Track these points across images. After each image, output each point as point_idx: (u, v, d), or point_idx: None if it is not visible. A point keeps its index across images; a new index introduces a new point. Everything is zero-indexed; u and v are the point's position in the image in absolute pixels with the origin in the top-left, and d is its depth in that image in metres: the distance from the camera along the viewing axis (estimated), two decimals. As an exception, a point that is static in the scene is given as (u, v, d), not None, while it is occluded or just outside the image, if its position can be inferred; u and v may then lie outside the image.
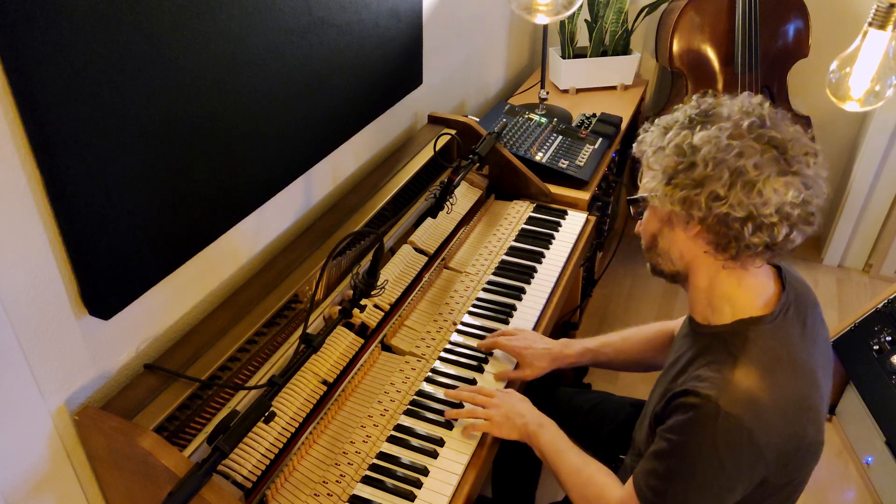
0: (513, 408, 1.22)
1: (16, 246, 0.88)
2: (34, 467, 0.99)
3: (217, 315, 1.22)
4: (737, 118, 0.95)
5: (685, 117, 0.99)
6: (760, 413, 0.92)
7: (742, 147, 0.92)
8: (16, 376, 0.92)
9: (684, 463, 0.95)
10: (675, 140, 0.96)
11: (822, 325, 1.09)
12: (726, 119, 0.95)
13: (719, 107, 0.98)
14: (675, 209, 0.97)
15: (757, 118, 0.94)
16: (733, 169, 0.91)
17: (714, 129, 0.94)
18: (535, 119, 2.12)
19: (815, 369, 1.00)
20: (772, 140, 0.93)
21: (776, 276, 1.06)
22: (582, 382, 2.11)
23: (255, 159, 1.22)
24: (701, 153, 0.93)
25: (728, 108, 0.97)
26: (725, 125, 0.94)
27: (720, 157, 0.92)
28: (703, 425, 0.93)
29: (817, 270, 2.87)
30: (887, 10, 1.52)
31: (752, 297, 1.00)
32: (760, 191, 0.91)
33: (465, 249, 1.67)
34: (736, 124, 0.94)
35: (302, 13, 1.23)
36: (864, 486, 1.99)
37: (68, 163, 0.87)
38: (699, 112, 0.98)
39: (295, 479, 1.12)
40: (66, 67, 0.83)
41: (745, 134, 0.93)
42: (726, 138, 0.93)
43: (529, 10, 1.86)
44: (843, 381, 2.13)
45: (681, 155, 0.95)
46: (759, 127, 0.94)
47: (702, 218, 0.95)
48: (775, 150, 0.92)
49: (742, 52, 2.45)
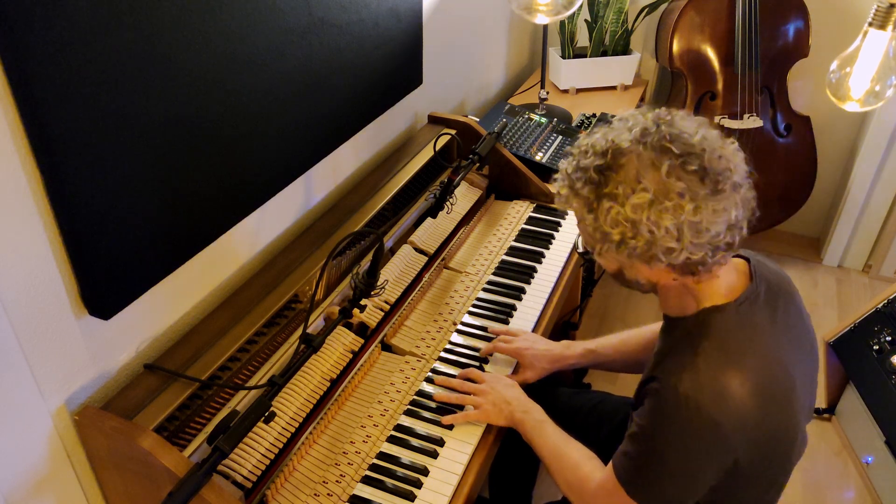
0: (500, 395, 1.24)
1: (16, 246, 0.88)
2: (34, 467, 0.99)
3: (217, 315, 1.22)
4: (651, 168, 0.91)
5: (597, 176, 0.94)
6: (721, 396, 0.95)
7: (672, 202, 0.90)
8: (16, 376, 0.92)
9: (652, 446, 0.99)
10: (609, 215, 0.93)
11: (798, 317, 1.10)
12: (632, 169, 0.92)
13: (620, 158, 0.93)
14: (634, 262, 0.97)
15: (661, 153, 0.91)
16: (676, 224, 0.90)
17: (641, 194, 0.91)
18: (535, 119, 2.12)
19: (785, 357, 1.02)
20: (692, 170, 0.90)
21: (746, 269, 1.08)
22: (582, 382, 2.11)
23: (255, 159, 1.22)
24: (641, 226, 0.91)
25: (628, 157, 0.93)
26: (644, 182, 0.91)
27: (658, 220, 0.91)
28: (666, 409, 0.97)
29: (817, 270, 2.87)
30: (887, 10, 1.52)
31: (715, 288, 1.03)
32: (707, 228, 0.91)
33: (465, 249, 1.67)
34: (654, 172, 0.91)
35: (302, 13, 1.23)
36: (864, 485, 1.99)
37: (68, 163, 0.87)
38: (602, 165, 0.94)
39: (295, 479, 1.12)
40: (66, 67, 0.83)
41: (665, 179, 0.90)
42: (652, 198, 0.90)
43: (529, 10, 1.86)
44: (843, 381, 2.13)
45: (621, 226, 0.93)
46: (670, 155, 0.91)
47: (665, 265, 0.95)
48: (697, 175, 0.90)
49: (742, 52, 2.45)
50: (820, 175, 2.75)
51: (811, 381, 1.11)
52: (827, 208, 2.93)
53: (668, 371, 0.99)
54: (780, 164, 2.65)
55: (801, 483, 2.00)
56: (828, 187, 2.87)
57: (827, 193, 2.89)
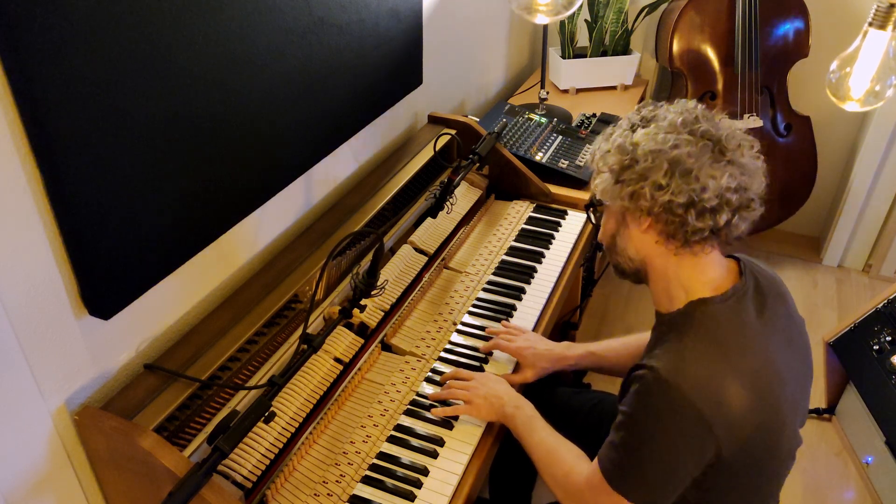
0: (491, 390, 1.25)
1: (16, 246, 0.88)
2: (34, 467, 0.99)
3: (217, 315, 1.22)
4: (672, 118, 1.03)
5: (628, 123, 1.08)
6: (705, 385, 0.96)
7: (677, 140, 1.00)
8: (16, 376, 0.92)
9: (635, 432, 1.01)
10: (618, 141, 1.05)
11: (789, 319, 1.11)
12: (663, 120, 1.04)
13: (658, 111, 1.07)
14: (626, 204, 1.04)
15: (691, 116, 1.03)
16: (671, 159, 0.99)
17: (652, 128, 1.03)
18: (535, 119, 2.12)
19: (772, 352, 1.03)
20: (705, 133, 1.00)
21: (736, 268, 1.10)
22: (581, 382, 2.11)
23: (255, 159, 1.22)
24: (640, 148, 1.01)
25: (665, 112, 1.06)
26: (662, 124, 1.03)
27: (658, 149, 1.00)
28: (649, 394, 0.99)
29: (817, 270, 2.87)
30: (887, 10, 1.52)
31: (703, 281, 1.06)
32: (697, 176, 0.98)
33: (465, 249, 1.67)
34: (671, 122, 1.03)
35: (302, 13, 1.23)
36: (864, 486, 1.99)
37: (68, 163, 0.87)
38: (640, 118, 1.07)
39: (295, 479, 1.12)
40: (66, 67, 0.83)
41: (680, 129, 1.01)
42: (663, 133, 1.01)
43: (529, 10, 1.86)
44: (843, 381, 2.13)
45: (624, 153, 1.03)
46: (694, 123, 1.02)
47: (649, 209, 1.01)
48: (709, 141, 1.00)
49: (742, 52, 2.45)
50: (820, 175, 2.75)
51: (803, 384, 1.12)
52: (827, 208, 2.93)
53: (653, 358, 1.02)
54: (780, 163, 2.65)
55: (801, 483, 2.00)
56: (828, 187, 2.87)
57: (827, 193, 2.89)
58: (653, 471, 1.00)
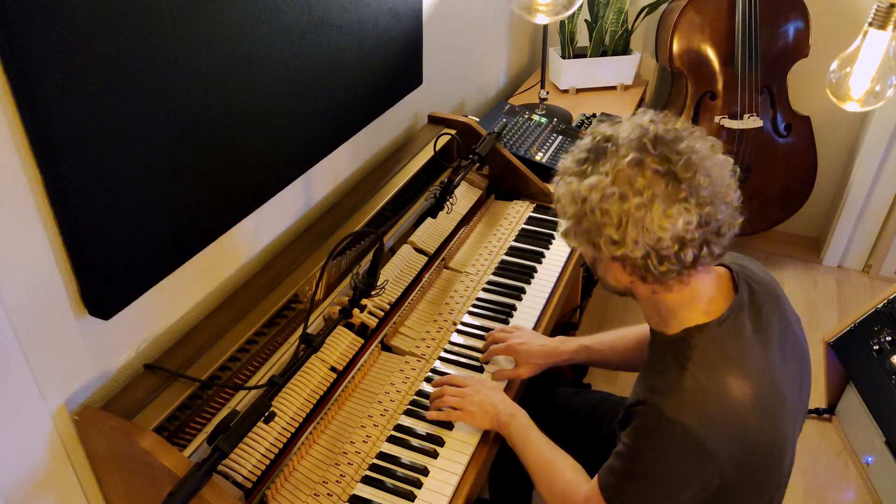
0: (485, 397, 1.24)
1: (16, 246, 0.88)
2: (34, 467, 0.99)
3: (217, 315, 1.22)
4: (623, 152, 0.94)
5: (578, 157, 0.99)
6: (706, 417, 0.94)
7: (622, 189, 0.92)
8: (16, 376, 0.92)
9: (637, 466, 1.00)
10: (570, 189, 0.98)
11: (783, 321, 1.08)
12: (613, 155, 0.95)
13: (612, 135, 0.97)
14: (591, 251, 0.99)
15: (638, 150, 0.93)
16: (619, 212, 0.92)
17: (600, 176, 0.94)
18: (535, 119, 2.12)
19: (773, 369, 1.01)
20: (657, 171, 0.92)
21: (729, 280, 1.06)
22: (582, 383, 2.11)
23: (255, 159, 1.22)
24: (589, 202, 0.94)
25: (617, 138, 0.96)
26: (611, 162, 0.94)
27: (606, 204, 0.93)
28: (651, 432, 0.98)
29: (817, 271, 2.87)
30: (887, 10, 1.52)
31: (695, 307, 1.01)
32: (648, 228, 0.91)
33: (465, 249, 1.67)
34: (617, 165, 0.94)
35: (302, 13, 1.23)
36: (864, 486, 1.99)
37: (68, 163, 0.87)
38: (594, 148, 0.98)
39: (295, 479, 1.12)
40: (66, 67, 0.83)
41: (628, 170, 0.93)
42: (610, 183, 0.93)
43: (529, 10, 1.86)
44: (843, 381, 2.13)
45: (575, 204, 0.97)
46: (646, 153, 0.93)
47: (612, 257, 0.96)
48: (662, 177, 0.92)
49: (742, 52, 2.45)
50: (820, 175, 2.75)
51: (801, 386, 1.11)
52: (827, 208, 2.93)
53: (654, 392, 0.99)
54: (780, 164, 2.65)
55: (801, 483, 2.00)
56: (828, 187, 2.87)
57: (827, 193, 2.89)
58: (655, 499, 0.99)
